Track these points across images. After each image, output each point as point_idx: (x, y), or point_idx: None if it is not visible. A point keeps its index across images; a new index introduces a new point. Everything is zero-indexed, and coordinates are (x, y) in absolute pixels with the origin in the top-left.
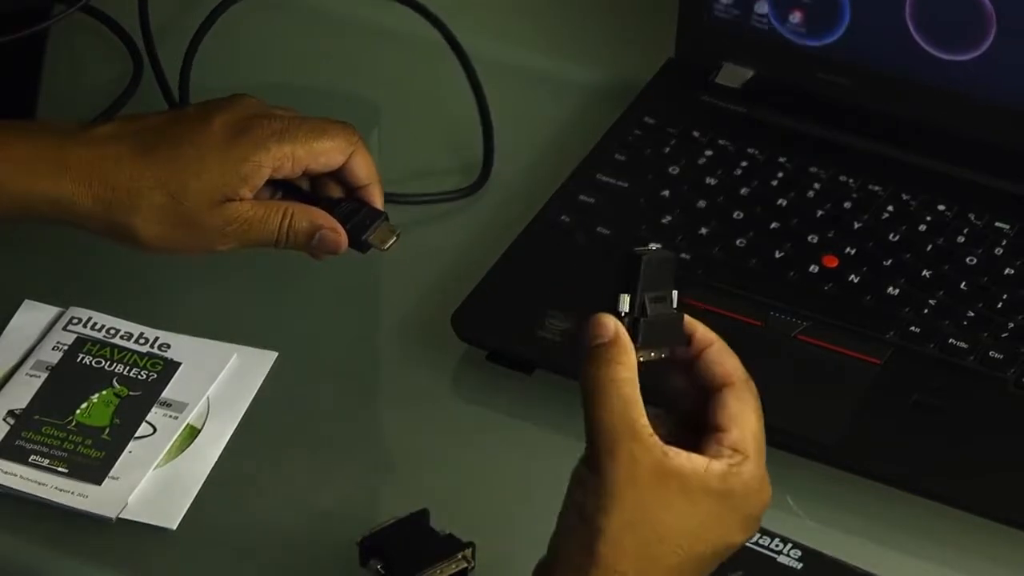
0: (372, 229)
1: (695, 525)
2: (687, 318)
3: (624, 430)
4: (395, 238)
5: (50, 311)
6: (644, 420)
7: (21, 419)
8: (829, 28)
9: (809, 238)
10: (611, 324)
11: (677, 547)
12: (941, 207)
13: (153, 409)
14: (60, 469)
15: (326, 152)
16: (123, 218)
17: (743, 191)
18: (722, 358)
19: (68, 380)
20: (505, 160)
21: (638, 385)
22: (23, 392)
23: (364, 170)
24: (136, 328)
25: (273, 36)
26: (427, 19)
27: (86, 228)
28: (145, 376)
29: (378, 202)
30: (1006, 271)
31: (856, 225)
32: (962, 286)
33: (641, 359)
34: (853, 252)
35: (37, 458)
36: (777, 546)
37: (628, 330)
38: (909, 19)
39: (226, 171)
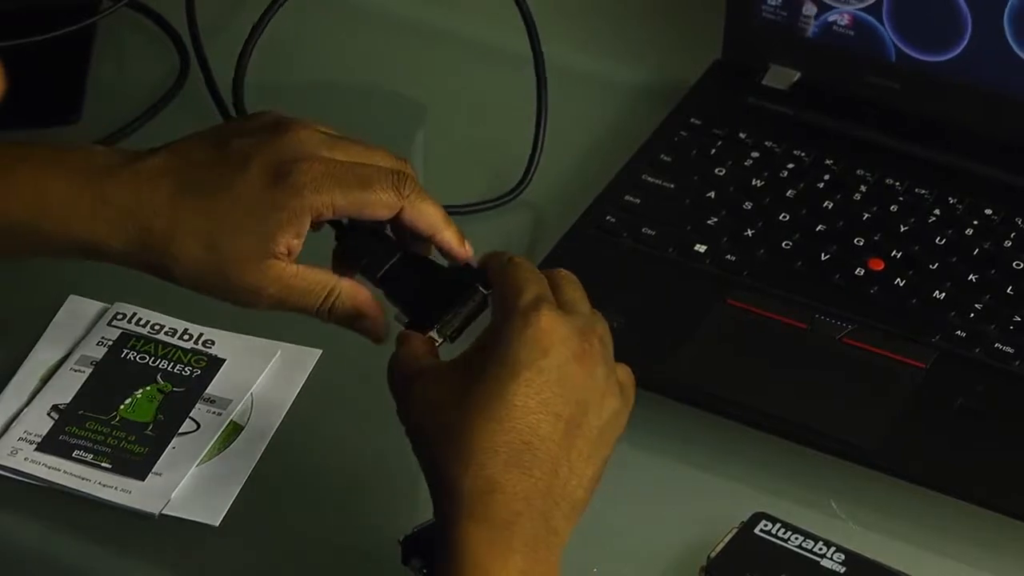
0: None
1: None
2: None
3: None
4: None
5: (95, 306)
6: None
7: (65, 414)
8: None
9: (855, 241)
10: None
11: (517, 426)
12: (988, 211)
13: (197, 405)
14: (103, 464)
15: (370, 205)
16: (159, 261)
17: (789, 193)
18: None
19: (112, 375)
20: (551, 160)
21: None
22: (67, 387)
23: (422, 223)
24: (180, 324)
25: (319, 34)
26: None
27: (122, 266)
28: (189, 372)
29: (454, 246)
30: None
31: (902, 228)
32: (1008, 290)
33: (445, 334)
34: (899, 255)
35: (81, 453)
36: (820, 549)
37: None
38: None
39: (262, 222)
